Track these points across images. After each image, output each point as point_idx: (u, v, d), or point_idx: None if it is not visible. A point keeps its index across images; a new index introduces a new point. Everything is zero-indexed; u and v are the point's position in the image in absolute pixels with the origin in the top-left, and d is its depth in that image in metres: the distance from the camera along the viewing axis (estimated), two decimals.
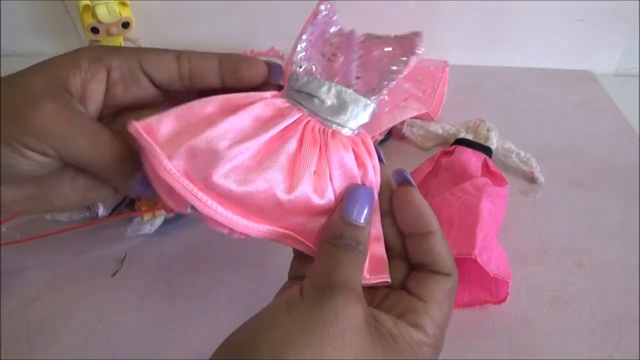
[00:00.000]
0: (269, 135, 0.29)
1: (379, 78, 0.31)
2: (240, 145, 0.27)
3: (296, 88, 0.31)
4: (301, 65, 0.32)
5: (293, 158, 0.29)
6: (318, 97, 0.30)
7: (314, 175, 0.29)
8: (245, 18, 0.87)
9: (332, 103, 0.31)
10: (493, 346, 0.46)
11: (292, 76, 0.32)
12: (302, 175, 0.28)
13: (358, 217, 0.28)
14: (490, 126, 0.65)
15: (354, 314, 0.23)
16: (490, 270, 0.46)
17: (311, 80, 0.31)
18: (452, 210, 0.51)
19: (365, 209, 0.28)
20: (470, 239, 0.47)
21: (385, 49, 0.32)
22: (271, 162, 0.28)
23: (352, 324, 0.23)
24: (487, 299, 0.49)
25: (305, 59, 0.32)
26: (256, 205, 0.28)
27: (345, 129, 0.31)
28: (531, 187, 0.62)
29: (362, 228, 0.28)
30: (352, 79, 0.31)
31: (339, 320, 0.22)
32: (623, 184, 0.63)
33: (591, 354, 0.45)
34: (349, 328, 0.22)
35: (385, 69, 0.31)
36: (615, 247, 0.55)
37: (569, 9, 0.81)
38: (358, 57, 0.32)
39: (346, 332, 0.22)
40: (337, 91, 0.31)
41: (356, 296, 0.24)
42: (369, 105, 0.32)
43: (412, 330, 0.25)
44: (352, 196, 0.29)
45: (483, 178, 0.56)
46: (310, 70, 0.31)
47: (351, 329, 0.22)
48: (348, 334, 0.22)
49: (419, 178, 0.60)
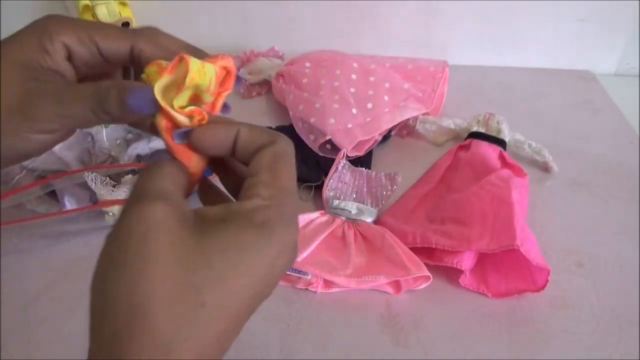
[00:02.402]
0: (324, 234, 0.54)
1: (376, 200, 0.58)
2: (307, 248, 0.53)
3: (333, 207, 0.57)
4: (331, 193, 0.58)
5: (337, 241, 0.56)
6: (348, 209, 0.57)
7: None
8: (245, 18, 0.87)
9: (356, 212, 0.56)
10: (493, 346, 0.46)
11: (328, 201, 0.57)
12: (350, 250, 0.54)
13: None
14: (500, 119, 0.66)
15: (153, 215, 0.22)
16: (532, 259, 0.46)
17: (340, 202, 0.57)
18: (483, 203, 0.52)
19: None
20: (510, 231, 0.47)
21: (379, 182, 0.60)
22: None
23: (154, 225, 0.22)
24: (524, 287, 0.49)
25: (332, 188, 0.58)
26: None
27: (364, 221, 0.56)
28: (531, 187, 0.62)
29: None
30: (365, 197, 0.59)
31: (140, 223, 0.22)
32: (623, 184, 0.63)
33: (591, 354, 0.45)
34: (152, 228, 0.22)
35: (381, 194, 0.58)
36: (615, 247, 0.55)
37: (569, 9, 0.81)
38: (364, 183, 0.60)
39: (150, 231, 0.22)
40: (357, 206, 0.57)
41: (156, 200, 0.23)
42: (373, 211, 0.57)
43: (244, 203, 0.25)
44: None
45: (505, 170, 0.57)
46: (336, 195, 0.58)
47: (155, 229, 0.22)
48: (152, 233, 0.22)
49: (439, 173, 0.61)
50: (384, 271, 0.50)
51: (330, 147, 0.64)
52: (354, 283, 0.50)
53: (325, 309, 0.50)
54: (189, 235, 0.23)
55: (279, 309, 0.50)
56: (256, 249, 0.23)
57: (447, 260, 0.50)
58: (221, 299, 0.22)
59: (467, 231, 0.50)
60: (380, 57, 0.77)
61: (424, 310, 0.49)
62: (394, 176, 0.59)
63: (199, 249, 0.23)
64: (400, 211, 0.58)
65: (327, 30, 0.87)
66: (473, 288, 0.51)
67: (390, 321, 0.49)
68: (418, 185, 0.61)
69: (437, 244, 0.50)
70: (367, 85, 0.68)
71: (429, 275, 0.50)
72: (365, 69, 0.70)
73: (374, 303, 0.50)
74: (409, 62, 0.74)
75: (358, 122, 0.64)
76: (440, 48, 0.87)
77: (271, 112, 0.76)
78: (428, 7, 0.83)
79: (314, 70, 0.71)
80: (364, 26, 0.86)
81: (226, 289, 0.22)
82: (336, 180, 0.59)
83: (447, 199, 0.56)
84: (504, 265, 0.51)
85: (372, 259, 0.53)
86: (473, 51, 0.87)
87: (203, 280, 0.22)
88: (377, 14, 0.84)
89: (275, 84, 0.74)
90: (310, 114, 0.65)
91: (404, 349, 0.46)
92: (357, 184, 0.59)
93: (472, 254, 0.50)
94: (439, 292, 0.51)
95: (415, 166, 0.64)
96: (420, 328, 0.48)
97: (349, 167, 0.60)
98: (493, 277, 0.51)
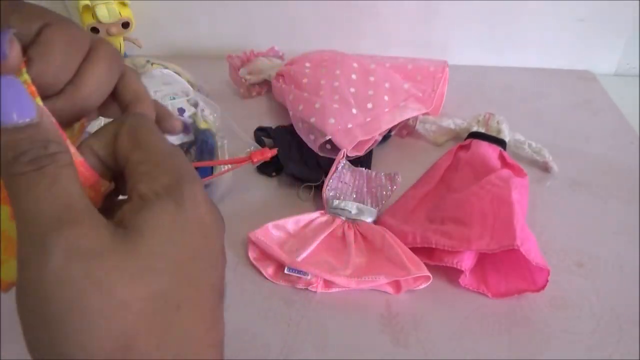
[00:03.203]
0: (324, 234, 0.55)
1: (376, 200, 0.58)
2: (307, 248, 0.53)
3: (333, 207, 0.57)
4: (331, 193, 0.58)
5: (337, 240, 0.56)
6: (348, 209, 0.57)
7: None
8: (245, 18, 0.87)
9: (355, 212, 0.57)
10: (493, 346, 0.46)
11: (328, 201, 0.57)
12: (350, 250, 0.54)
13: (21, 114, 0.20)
14: (500, 119, 0.66)
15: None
16: (532, 259, 0.46)
17: (340, 202, 0.57)
18: (483, 203, 0.52)
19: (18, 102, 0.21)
20: (510, 231, 0.48)
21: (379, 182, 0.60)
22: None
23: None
24: (524, 287, 0.49)
25: (332, 188, 0.58)
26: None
27: (363, 221, 0.57)
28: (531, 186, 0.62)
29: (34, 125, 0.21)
30: (365, 197, 0.58)
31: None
32: (623, 184, 0.63)
33: (591, 354, 0.45)
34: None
35: (381, 194, 0.58)
36: (615, 247, 0.55)
37: (569, 9, 0.81)
38: (364, 183, 0.60)
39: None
40: (357, 206, 0.57)
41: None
42: (373, 211, 0.57)
43: (140, 186, 0.22)
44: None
45: (505, 170, 0.57)
46: (336, 195, 0.58)
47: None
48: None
49: (439, 173, 0.61)
50: (384, 271, 0.50)
51: (330, 147, 0.64)
52: (354, 283, 0.50)
53: (325, 309, 0.50)
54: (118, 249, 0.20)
55: (279, 309, 0.50)
56: (182, 217, 0.21)
57: (447, 260, 0.50)
58: (191, 298, 0.21)
59: (467, 231, 0.50)
60: (380, 57, 0.77)
61: (424, 310, 0.49)
62: (394, 176, 0.59)
63: (135, 255, 0.20)
64: (400, 211, 0.58)
65: (327, 30, 0.87)
66: (473, 288, 0.51)
67: (390, 321, 0.49)
68: (418, 185, 0.61)
69: (437, 244, 0.50)
70: (367, 85, 0.68)
71: (429, 275, 0.50)
72: (365, 69, 0.70)
73: (374, 303, 0.50)
74: (409, 62, 0.74)
75: (358, 122, 0.64)
76: (440, 48, 0.87)
77: (271, 112, 0.76)
78: (428, 7, 0.83)
79: (314, 70, 0.71)
80: (364, 26, 0.86)
81: (185, 278, 0.21)
82: (336, 180, 0.59)
83: (447, 199, 0.56)
84: (504, 265, 0.51)
85: (372, 259, 0.53)
86: (473, 51, 0.87)
87: (165, 286, 0.20)
88: (377, 14, 0.84)
89: (275, 84, 0.74)
90: (310, 114, 0.65)
91: (404, 349, 0.46)
92: (357, 184, 0.59)
93: (472, 254, 0.50)
94: (439, 292, 0.51)
95: (415, 166, 0.64)
96: (420, 328, 0.48)
97: (349, 167, 0.60)
98: (493, 277, 0.51)
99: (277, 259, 0.52)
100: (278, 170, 0.64)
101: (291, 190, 0.62)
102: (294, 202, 0.61)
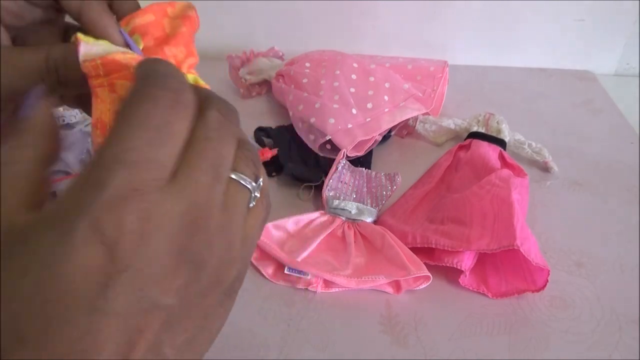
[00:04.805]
0: (324, 234, 0.55)
1: (376, 200, 0.58)
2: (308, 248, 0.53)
3: (333, 207, 0.57)
4: (331, 193, 0.58)
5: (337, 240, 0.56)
6: (348, 209, 0.57)
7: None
8: (245, 18, 0.87)
9: (355, 212, 0.56)
10: (493, 346, 0.46)
11: (328, 201, 0.57)
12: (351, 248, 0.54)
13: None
14: (500, 119, 0.66)
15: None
16: (532, 259, 0.46)
17: (340, 202, 0.57)
18: (483, 203, 0.52)
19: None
20: (510, 231, 0.47)
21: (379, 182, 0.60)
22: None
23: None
24: (524, 287, 0.49)
25: (332, 188, 0.58)
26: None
27: (363, 221, 0.57)
28: (531, 186, 0.62)
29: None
30: (365, 197, 0.59)
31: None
32: (623, 184, 0.63)
33: (591, 354, 0.45)
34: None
35: (381, 194, 0.59)
36: (615, 247, 0.55)
37: (569, 9, 0.81)
38: (364, 183, 0.60)
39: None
40: (357, 206, 0.57)
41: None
42: (373, 211, 0.57)
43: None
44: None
45: (506, 170, 0.57)
46: (336, 195, 0.58)
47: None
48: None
49: (439, 173, 0.61)
50: (384, 271, 0.50)
51: (330, 147, 0.64)
52: (354, 283, 0.50)
53: (325, 309, 0.50)
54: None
55: (279, 309, 0.50)
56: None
57: (447, 260, 0.50)
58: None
59: (467, 231, 0.50)
60: (380, 57, 0.77)
61: (424, 310, 0.49)
62: (394, 176, 0.59)
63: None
64: (400, 211, 0.58)
65: (327, 30, 0.87)
66: (473, 288, 0.50)
67: (390, 321, 0.49)
68: (418, 185, 0.61)
69: (437, 244, 0.50)
70: (367, 85, 0.68)
71: (429, 275, 0.50)
72: (365, 69, 0.70)
73: (374, 303, 0.50)
74: (409, 62, 0.74)
75: (358, 122, 0.64)
76: (440, 48, 0.87)
77: (271, 112, 0.76)
78: (428, 7, 0.83)
79: (314, 70, 0.71)
80: (364, 26, 0.86)
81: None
82: (336, 180, 0.59)
83: (447, 199, 0.56)
84: (504, 265, 0.51)
85: (372, 259, 0.53)
86: (473, 51, 0.87)
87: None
88: (377, 14, 0.84)
89: (275, 84, 0.74)
90: (310, 114, 0.65)
91: (404, 349, 0.46)
92: (357, 184, 0.59)
93: (472, 254, 0.50)
94: (439, 292, 0.51)
95: (415, 166, 0.64)
96: (420, 328, 0.48)
97: (348, 167, 0.60)
98: (493, 277, 0.51)
99: (277, 259, 0.52)
100: (278, 170, 0.64)
101: (291, 190, 0.62)
102: (294, 202, 0.61)
